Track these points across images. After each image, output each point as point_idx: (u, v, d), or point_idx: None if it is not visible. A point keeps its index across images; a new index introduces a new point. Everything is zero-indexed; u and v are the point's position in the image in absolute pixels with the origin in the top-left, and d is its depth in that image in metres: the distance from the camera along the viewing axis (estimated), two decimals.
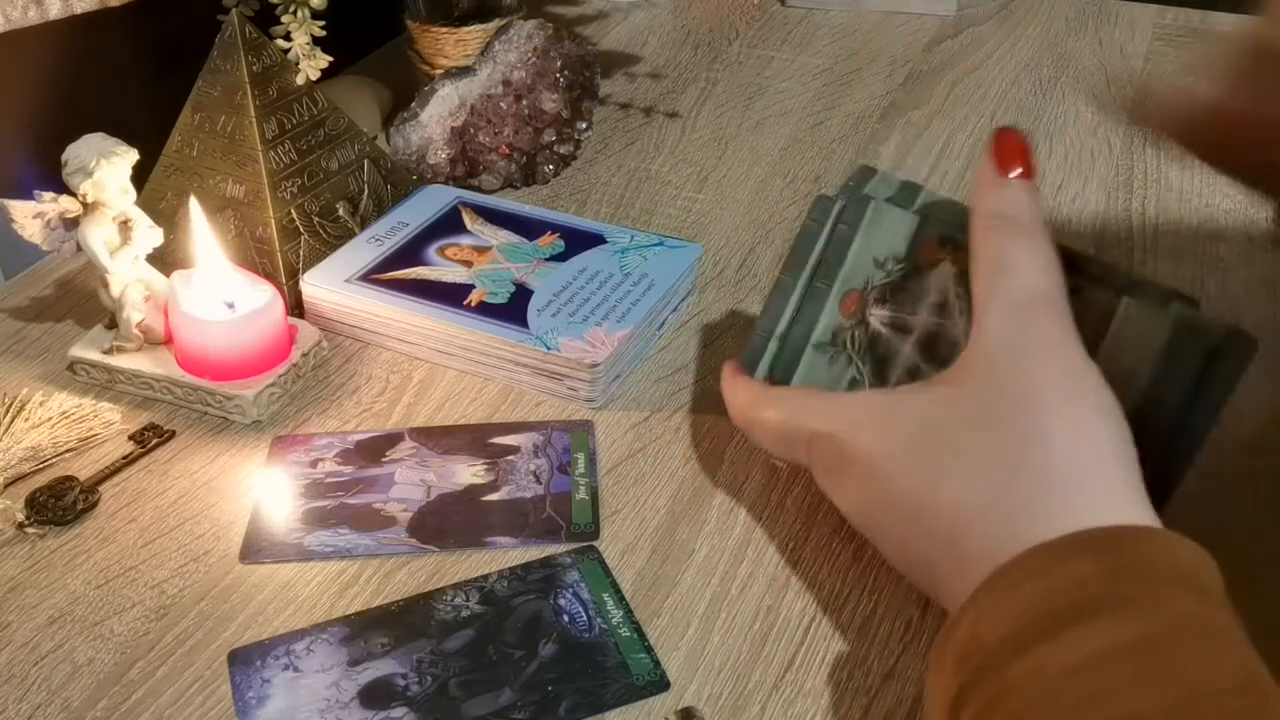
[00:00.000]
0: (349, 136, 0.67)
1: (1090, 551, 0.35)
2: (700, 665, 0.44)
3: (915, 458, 0.41)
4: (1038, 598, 0.34)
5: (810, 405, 0.45)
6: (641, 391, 0.58)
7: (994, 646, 0.34)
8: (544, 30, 0.76)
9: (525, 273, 0.62)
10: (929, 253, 0.45)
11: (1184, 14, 0.99)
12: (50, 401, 0.56)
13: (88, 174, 0.54)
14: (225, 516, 0.51)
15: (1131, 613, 0.33)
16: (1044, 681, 0.32)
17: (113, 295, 0.57)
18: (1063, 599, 0.34)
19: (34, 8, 0.63)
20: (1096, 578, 0.34)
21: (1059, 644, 0.33)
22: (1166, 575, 0.34)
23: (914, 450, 0.41)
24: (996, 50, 0.94)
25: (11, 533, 0.50)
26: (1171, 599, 0.34)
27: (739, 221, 0.72)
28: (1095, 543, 0.36)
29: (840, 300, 0.47)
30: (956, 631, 0.36)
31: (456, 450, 0.54)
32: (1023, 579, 0.35)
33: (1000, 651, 0.34)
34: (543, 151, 0.75)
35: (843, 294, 0.47)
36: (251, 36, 0.62)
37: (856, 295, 0.47)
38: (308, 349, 0.59)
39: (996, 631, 0.34)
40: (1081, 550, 0.35)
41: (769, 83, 0.89)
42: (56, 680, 0.44)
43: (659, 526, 0.50)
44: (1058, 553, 0.36)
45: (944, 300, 0.45)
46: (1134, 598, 0.34)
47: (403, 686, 0.43)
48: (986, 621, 0.35)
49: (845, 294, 0.47)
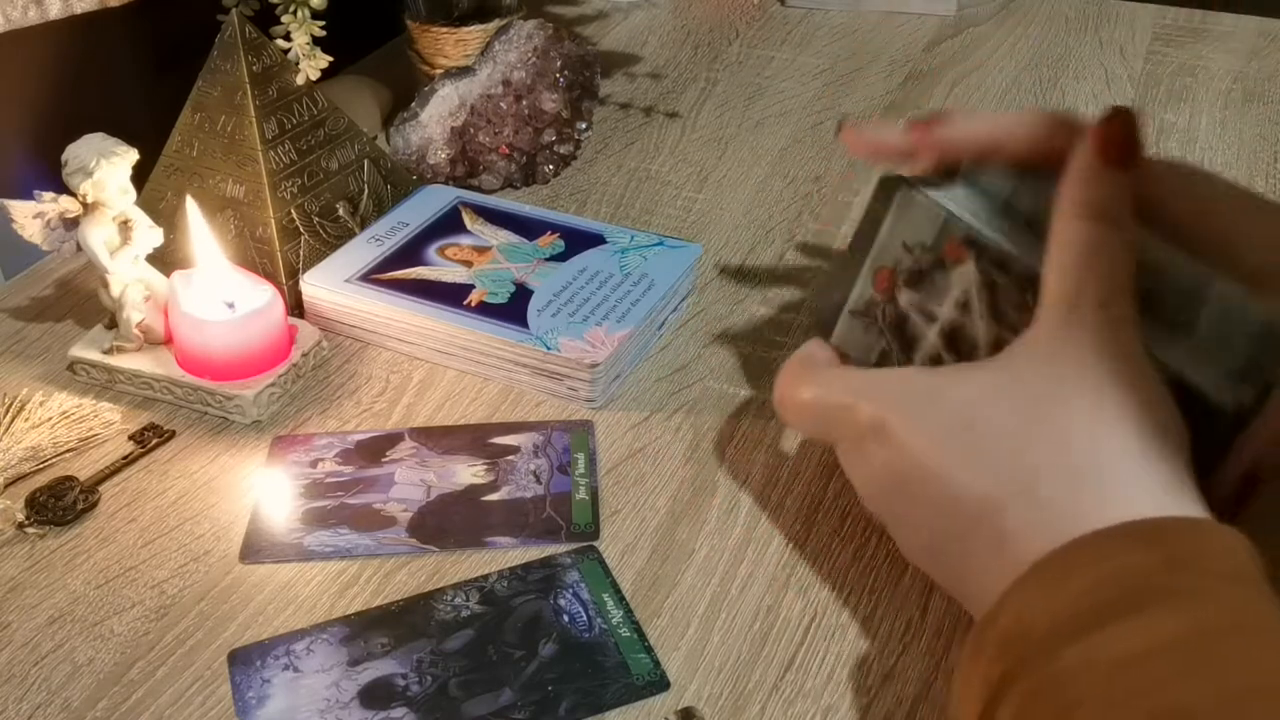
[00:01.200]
0: (349, 136, 0.67)
1: (1141, 542, 0.35)
2: (700, 665, 0.44)
3: (956, 439, 0.40)
4: (1089, 587, 0.34)
5: (850, 381, 0.45)
6: (641, 391, 0.58)
7: (1043, 635, 0.34)
8: (544, 30, 0.76)
9: (525, 273, 0.62)
10: (953, 249, 0.45)
11: (1184, 14, 0.99)
12: (50, 401, 0.56)
13: (88, 174, 0.54)
14: (225, 516, 0.51)
15: (1184, 604, 0.33)
16: (1095, 671, 0.32)
17: (113, 295, 0.57)
18: (1114, 589, 0.34)
19: (34, 8, 0.63)
20: (1149, 569, 0.34)
21: (1111, 634, 0.33)
22: (1219, 568, 0.34)
23: (955, 432, 0.40)
24: (996, 50, 0.94)
25: (11, 533, 0.50)
26: (1224, 592, 0.33)
27: (739, 221, 0.72)
28: (1146, 533, 0.35)
29: (874, 275, 0.48)
30: (999, 619, 0.36)
31: (456, 450, 0.54)
32: (1072, 568, 0.35)
33: (1050, 640, 0.34)
34: (543, 151, 0.75)
35: (875, 269, 0.47)
36: (251, 36, 0.62)
37: (888, 273, 0.47)
38: (308, 349, 0.59)
39: (1046, 620, 0.34)
40: (1133, 541, 0.35)
41: (769, 83, 0.89)
42: (56, 680, 0.44)
43: (659, 526, 0.50)
44: (1108, 542, 0.35)
45: (966, 300, 0.44)
46: (1187, 590, 0.33)
47: (403, 686, 0.43)
48: (1034, 610, 0.35)
49: (878, 270, 0.47)
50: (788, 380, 0.47)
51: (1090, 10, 1.00)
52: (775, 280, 0.66)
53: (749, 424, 0.56)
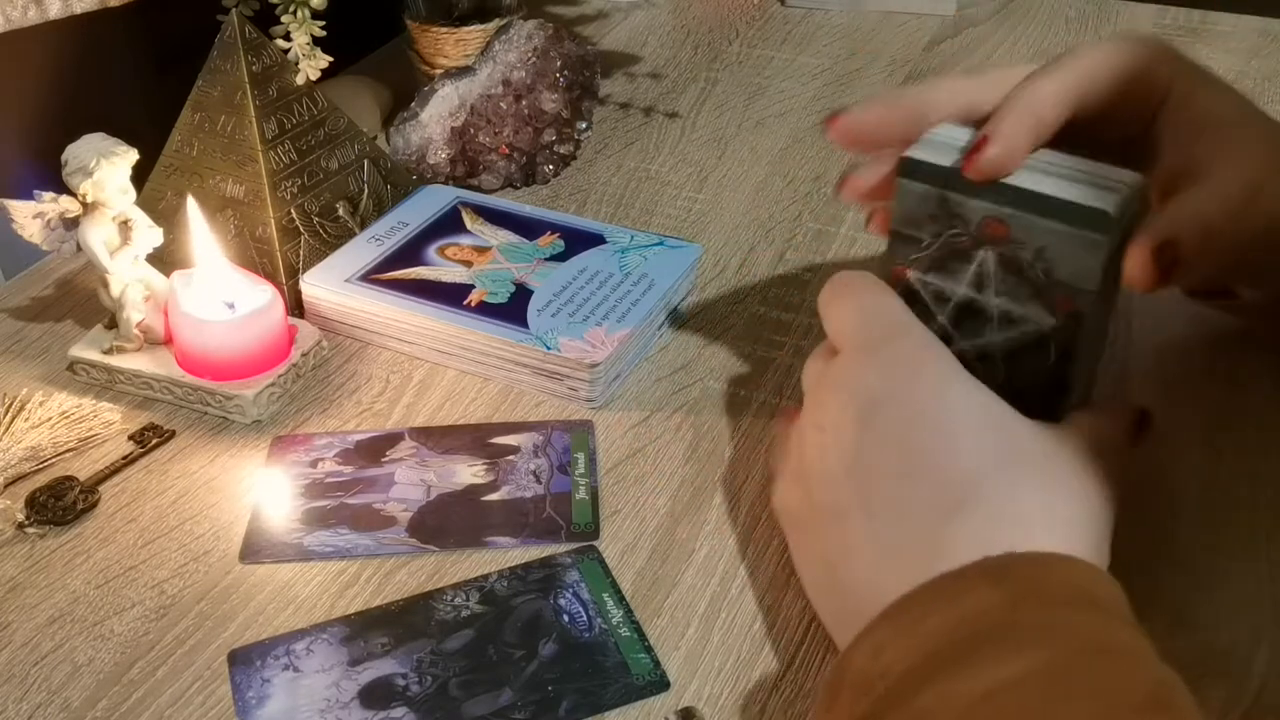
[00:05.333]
0: (349, 136, 0.67)
1: (989, 580, 0.36)
2: (700, 665, 0.44)
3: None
4: (939, 628, 0.35)
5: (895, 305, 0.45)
6: (641, 391, 0.58)
7: (901, 675, 0.34)
8: (544, 30, 0.76)
9: (525, 272, 0.62)
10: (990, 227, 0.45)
11: (1184, 13, 0.99)
12: (50, 401, 0.56)
13: (87, 174, 0.54)
14: (225, 516, 0.51)
15: (1035, 638, 0.33)
16: (955, 708, 0.33)
17: (113, 295, 0.57)
18: (967, 628, 0.34)
19: (34, 7, 0.63)
20: (994, 607, 0.35)
21: (965, 673, 0.33)
22: (1066, 598, 0.35)
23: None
24: (996, 50, 0.94)
25: (11, 533, 0.50)
26: (1071, 622, 0.34)
27: (739, 221, 0.72)
28: (993, 571, 0.36)
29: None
30: (853, 661, 0.36)
31: (456, 450, 0.54)
32: (927, 610, 0.36)
33: (909, 680, 0.34)
34: (543, 151, 0.75)
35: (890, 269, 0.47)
36: (251, 36, 0.62)
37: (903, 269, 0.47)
38: (308, 349, 0.59)
39: (904, 661, 0.34)
40: (981, 579, 0.36)
41: (769, 82, 0.89)
42: (56, 680, 0.44)
43: (659, 526, 0.50)
44: (957, 583, 0.36)
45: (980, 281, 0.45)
46: (1035, 624, 0.34)
47: (403, 686, 0.43)
48: (891, 651, 0.35)
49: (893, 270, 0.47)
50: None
51: (1090, 10, 1.00)
52: (775, 280, 0.66)
53: (749, 424, 0.56)
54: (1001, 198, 0.43)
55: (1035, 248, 0.43)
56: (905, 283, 0.46)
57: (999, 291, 0.44)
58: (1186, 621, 0.36)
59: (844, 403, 0.42)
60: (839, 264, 0.68)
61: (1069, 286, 0.42)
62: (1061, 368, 0.44)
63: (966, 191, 0.44)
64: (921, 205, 0.45)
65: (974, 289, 0.45)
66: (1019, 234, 0.43)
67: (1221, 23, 0.97)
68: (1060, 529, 0.38)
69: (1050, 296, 0.43)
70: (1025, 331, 0.44)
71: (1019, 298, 0.44)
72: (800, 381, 0.58)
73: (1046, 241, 0.42)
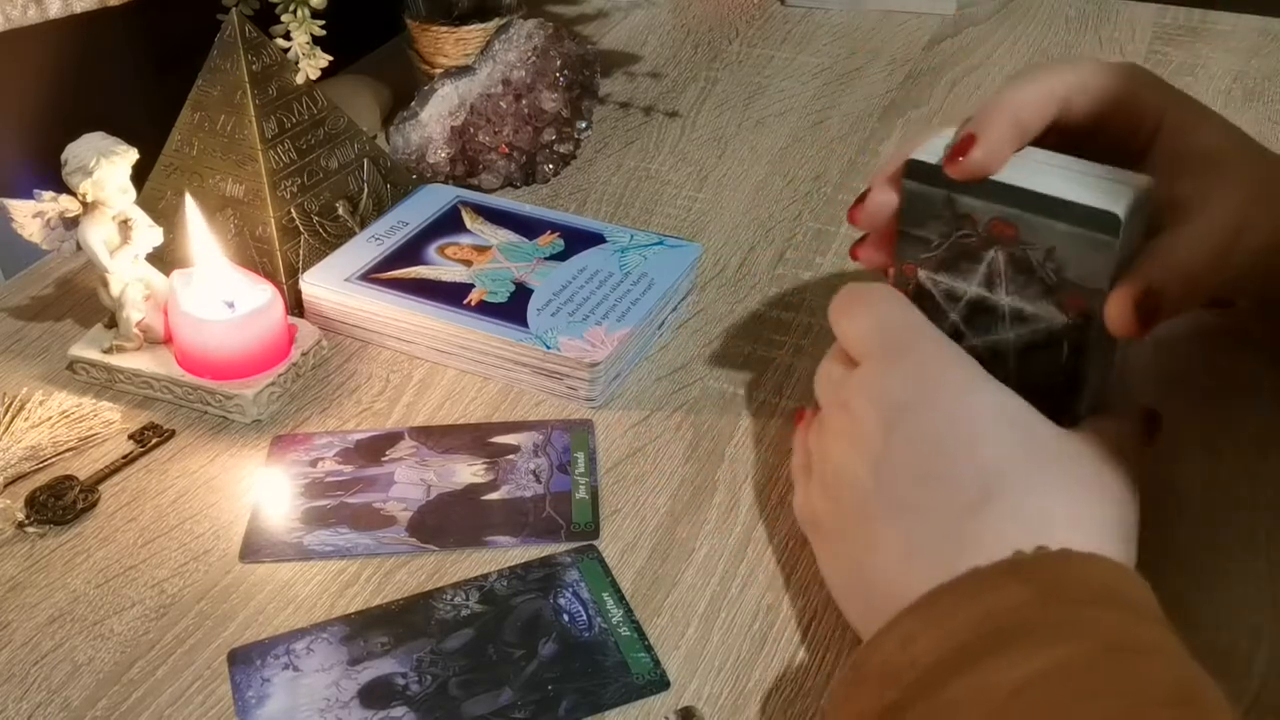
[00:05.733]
0: (349, 136, 0.67)
1: (1019, 577, 0.36)
2: (700, 665, 0.44)
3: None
4: (968, 622, 0.35)
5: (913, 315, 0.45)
6: (641, 391, 0.58)
7: (930, 666, 0.35)
8: (544, 29, 0.76)
9: (525, 272, 0.62)
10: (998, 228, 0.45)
11: (1184, 14, 0.99)
12: (50, 401, 0.56)
13: (87, 173, 0.54)
14: (225, 516, 0.51)
15: (1063, 634, 0.34)
16: (986, 699, 0.33)
17: (112, 294, 0.57)
18: (996, 623, 0.35)
19: (34, 7, 0.63)
20: (1027, 603, 0.35)
21: (995, 666, 0.33)
22: (1094, 596, 0.35)
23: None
24: (996, 50, 0.94)
25: (11, 532, 0.50)
26: (1099, 619, 0.34)
27: (739, 221, 0.72)
28: (1023, 568, 0.36)
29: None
30: (879, 652, 0.36)
31: (456, 449, 0.54)
32: (957, 604, 0.36)
33: (938, 671, 0.34)
34: (542, 151, 0.75)
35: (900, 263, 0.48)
36: (251, 36, 0.62)
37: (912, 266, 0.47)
38: (307, 348, 0.59)
39: (933, 652, 0.35)
40: (1011, 576, 0.36)
41: (769, 82, 0.89)
42: (56, 680, 0.44)
43: (659, 526, 0.50)
44: (985, 580, 0.36)
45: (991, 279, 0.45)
46: (1063, 620, 0.34)
47: (403, 686, 0.43)
48: (921, 642, 0.36)
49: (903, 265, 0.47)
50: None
51: (1090, 9, 1.00)
52: (775, 280, 0.66)
53: (749, 424, 0.56)
54: (1010, 199, 0.43)
55: (1045, 248, 0.43)
56: (915, 281, 0.47)
57: (1010, 290, 0.44)
58: (1186, 621, 0.36)
59: (869, 411, 0.42)
60: (839, 264, 0.68)
61: (1079, 286, 0.43)
62: (1073, 366, 0.44)
63: (973, 193, 0.44)
64: (927, 207, 0.45)
65: (985, 287, 0.45)
66: (1028, 235, 0.43)
67: (1221, 22, 0.97)
68: (1087, 528, 0.39)
69: (1061, 296, 0.43)
70: (1037, 329, 0.44)
71: (1030, 296, 0.44)
72: (800, 381, 0.58)
73: (1056, 242, 0.42)
